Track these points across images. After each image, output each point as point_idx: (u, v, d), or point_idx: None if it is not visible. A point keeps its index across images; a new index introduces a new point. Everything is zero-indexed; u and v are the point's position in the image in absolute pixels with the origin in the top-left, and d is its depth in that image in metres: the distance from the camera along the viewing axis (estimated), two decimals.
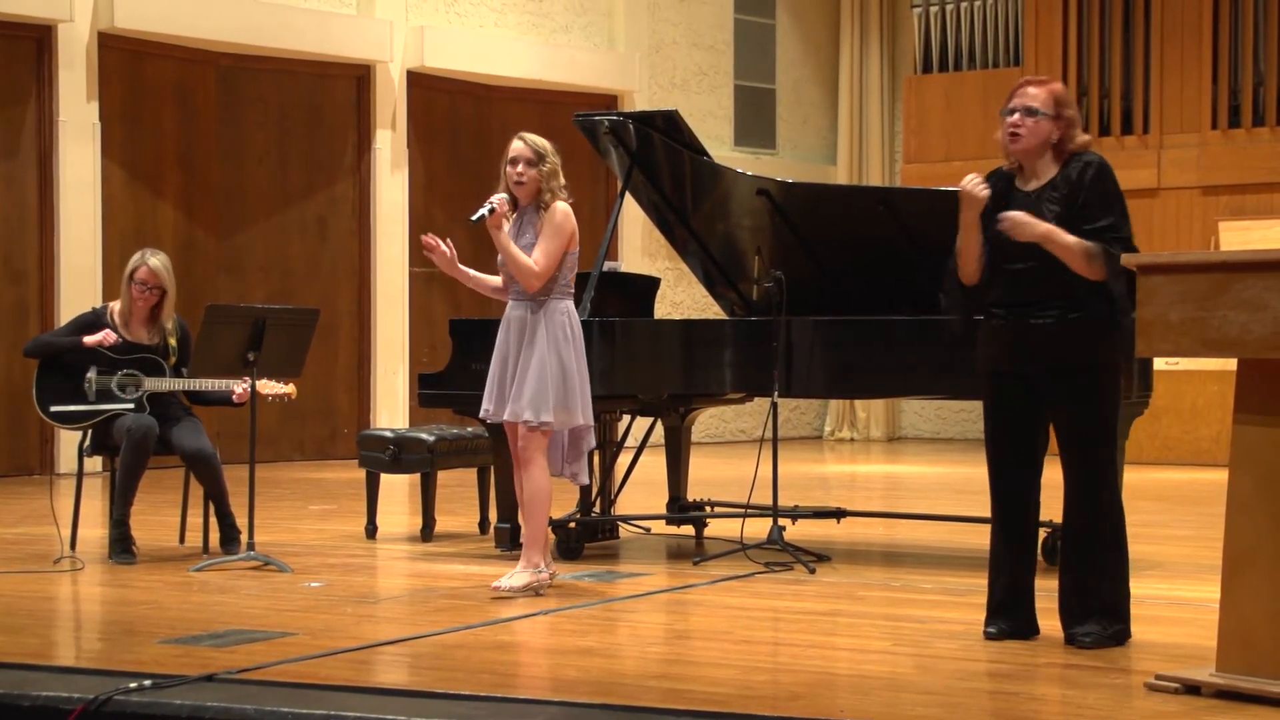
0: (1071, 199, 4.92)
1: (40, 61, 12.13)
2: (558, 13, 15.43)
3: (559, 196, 6.14)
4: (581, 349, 6.16)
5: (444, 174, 14.62)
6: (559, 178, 6.14)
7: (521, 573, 6.06)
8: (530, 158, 6.10)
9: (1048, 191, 4.97)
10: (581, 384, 6.11)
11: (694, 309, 15.38)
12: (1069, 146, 5.00)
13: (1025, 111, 4.96)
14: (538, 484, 6.09)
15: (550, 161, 6.11)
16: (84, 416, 7.11)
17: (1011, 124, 4.98)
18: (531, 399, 6.02)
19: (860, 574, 6.92)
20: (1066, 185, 4.94)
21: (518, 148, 6.13)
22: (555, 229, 6.09)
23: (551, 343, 6.06)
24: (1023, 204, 4.98)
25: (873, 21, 17.39)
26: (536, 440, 6.07)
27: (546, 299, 6.11)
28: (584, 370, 6.15)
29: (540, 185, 6.11)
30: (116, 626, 5.62)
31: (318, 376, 12.93)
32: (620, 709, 4.09)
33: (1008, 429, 5.08)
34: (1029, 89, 5.00)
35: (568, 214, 6.14)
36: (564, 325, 6.10)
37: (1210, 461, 12.88)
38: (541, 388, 6.01)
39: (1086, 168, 4.96)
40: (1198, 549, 7.46)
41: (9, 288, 12.07)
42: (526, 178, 6.10)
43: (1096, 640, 4.90)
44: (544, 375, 6.02)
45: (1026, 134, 4.97)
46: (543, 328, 6.07)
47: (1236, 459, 4.26)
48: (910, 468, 13.94)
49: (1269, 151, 14.18)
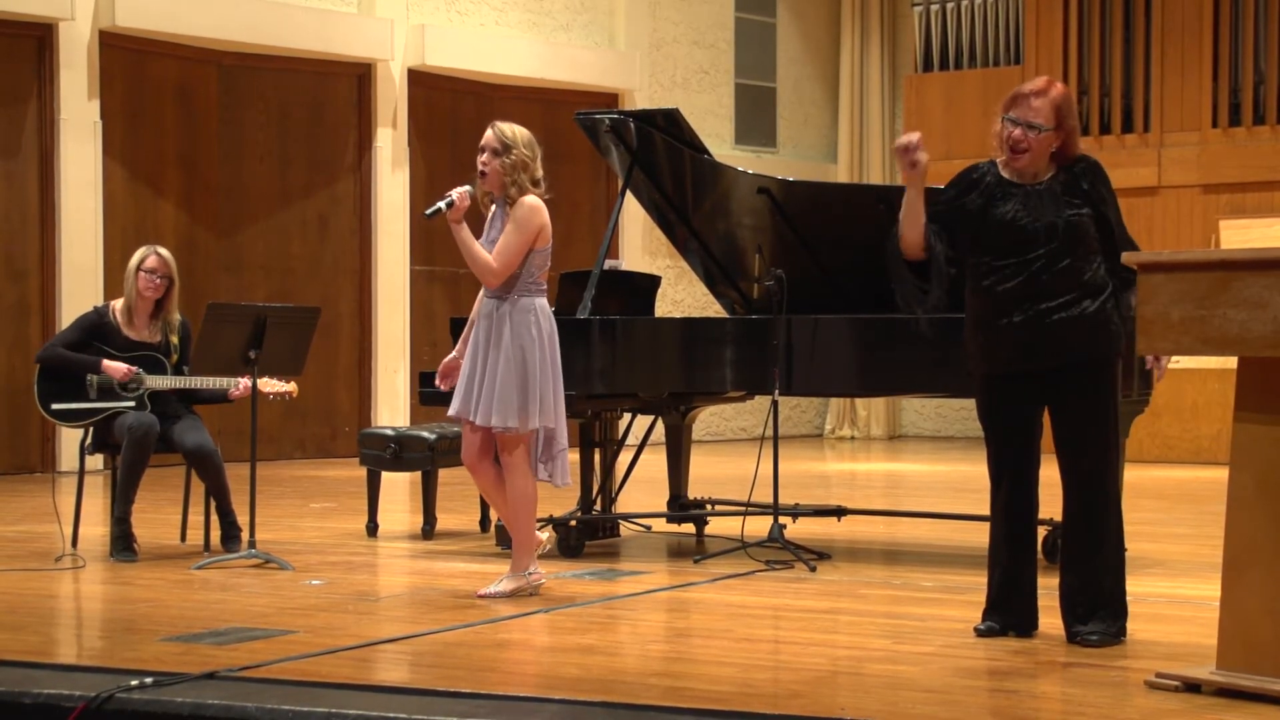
0: (1091, 199, 4.97)
1: (41, 60, 12.13)
2: (558, 11, 15.43)
3: (527, 190, 5.91)
4: (553, 348, 5.97)
5: (445, 172, 14.60)
6: (529, 171, 5.91)
7: (511, 579, 6.00)
8: (496, 147, 5.90)
9: (1060, 187, 4.97)
10: (546, 384, 5.91)
11: (695, 307, 15.38)
12: (1068, 154, 5.01)
13: (1027, 127, 4.94)
14: (521, 489, 5.96)
15: (518, 153, 5.88)
16: (85, 414, 7.11)
17: (1014, 140, 4.96)
18: (498, 404, 5.86)
19: (861, 572, 6.92)
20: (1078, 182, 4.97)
21: (486, 136, 5.94)
22: (517, 224, 5.87)
23: (515, 342, 5.89)
24: (1030, 197, 4.97)
25: (873, 20, 17.40)
26: (513, 443, 5.93)
27: (514, 297, 5.92)
28: (552, 370, 5.95)
29: (504, 178, 5.90)
30: (118, 624, 5.62)
31: (319, 375, 12.94)
32: (621, 707, 4.09)
33: (1011, 426, 5.07)
34: (1032, 100, 4.94)
35: (534, 209, 5.90)
36: (530, 324, 5.90)
37: (1211, 460, 12.89)
38: (506, 392, 5.86)
39: (1097, 170, 5.02)
40: (1198, 547, 7.47)
41: (10, 286, 12.08)
42: (489, 168, 5.91)
43: (1102, 639, 4.91)
44: (509, 378, 5.86)
45: (1026, 148, 4.96)
46: (508, 326, 5.90)
47: (1237, 457, 4.26)
48: (911, 466, 13.94)
49: (1269, 150, 14.17)
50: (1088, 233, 4.95)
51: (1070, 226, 4.93)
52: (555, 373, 5.99)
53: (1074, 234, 4.93)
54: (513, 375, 5.88)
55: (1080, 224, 4.94)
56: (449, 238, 6.03)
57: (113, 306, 7.31)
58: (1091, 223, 4.96)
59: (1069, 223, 4.93)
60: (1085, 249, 4.94)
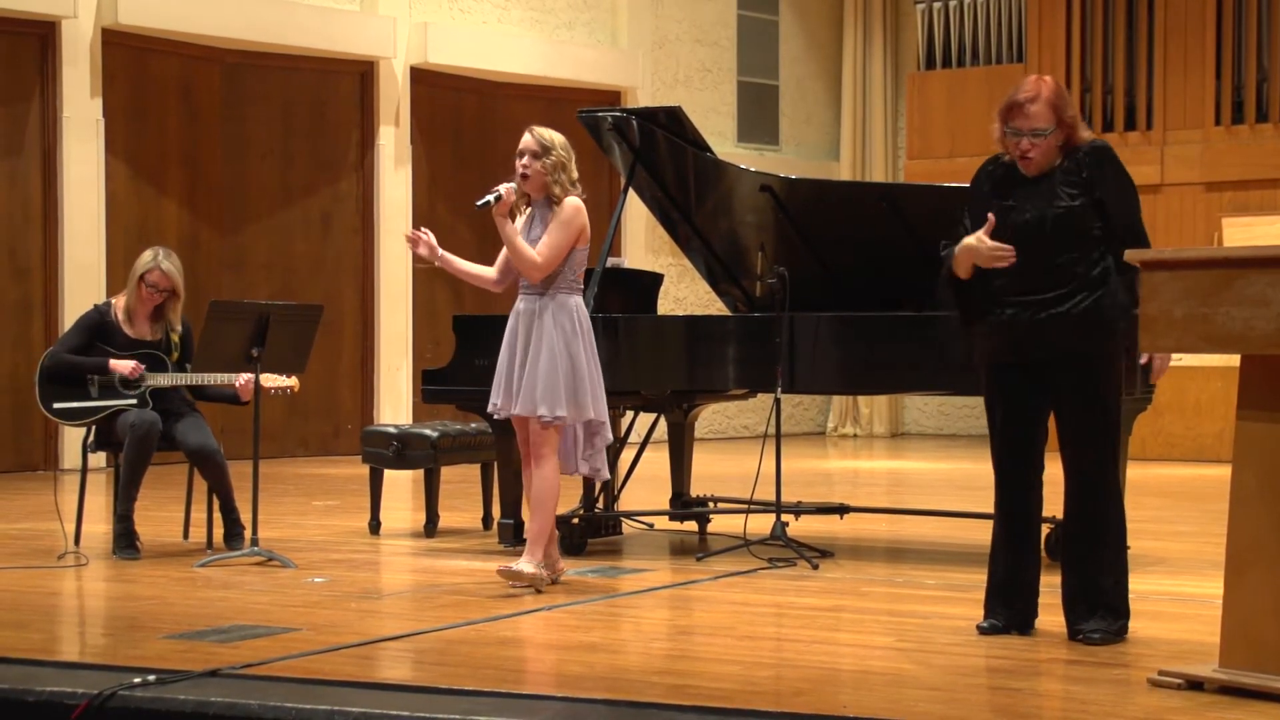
0: (1088, 187, 4.91)
1: (44, 58, 12.14)
2: (561, 9, 15.43)
3: (570, 191, 6.15)
4: (592, 343, 6.17)
5: (447, 170, 14.62)
6: (567, 171, 6.15)
7: (528, 563, 6.07)
8: (535, 150, 6.13)
9: (1060, 176, 4.95)
10: (593, 378, 6.12)
11: (697, 305, 15.38)
12: (1074, 142, 5.00)
13: (1032, 134, 4.93)
14: (549, 480, 6.09)
15: (556, 154, 6.12)
16: (87, 413, 7.11)
17: (1022, 149, 4.94)
18: (544, 393, 6.02)
19: (863, 570, 6.92)
20: (1079, 171, 4.94)
21: (525, 140, 6.17)
22: (562, 223, 6.10)
23: (560, 336, 6.07)
24: (1031, 191, 4.96)
25: (876, 18, 17.39)
26: (550, 436, 6.08)
27: (555, 293, 6.12)
28: (595, 365, 6.16)
29: (546, 179, 6.12)
30: (120, 622, 5.63)
31: (321, 373, 12.95)
32: (624, 704, 4.09)
33: (1012, 420, 5.07)
34: (1028, 108, 4.91)
35: (578, 209, 6.14)
36: (572, 319, 6.10)
37: (1213, 458, 12.88)
38: (553, 382, 6.02)
39: (1099, 156, 4.95)
40: (1201, 545, 7.47)
41: (13, 284, 12.08)
42: (531, 170, 6.13)
43: (1104, 636, 4.90)
44: (555, 369, 6.03)
45: (1038, 155, 4.95)
46: (550, 321, 6.08)
47: (1240, 455, 4.26)
48: (913, 464, 13.94)
49: (1272, 148, 14.16)
50: (1082, 224, 4.89)
51: (1059, 219, 4.89)
52: (597, 366, 6.17)
53: (1063, 227, 4.89)
54: (559, 367, 6.04)
55: (1071, 215, 4.89)
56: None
57: (114, 304, 7.31)
58: (1090, 213, 4.91)
59: (1057, 216, 4.90)
60: (1080, 242, 4.89)
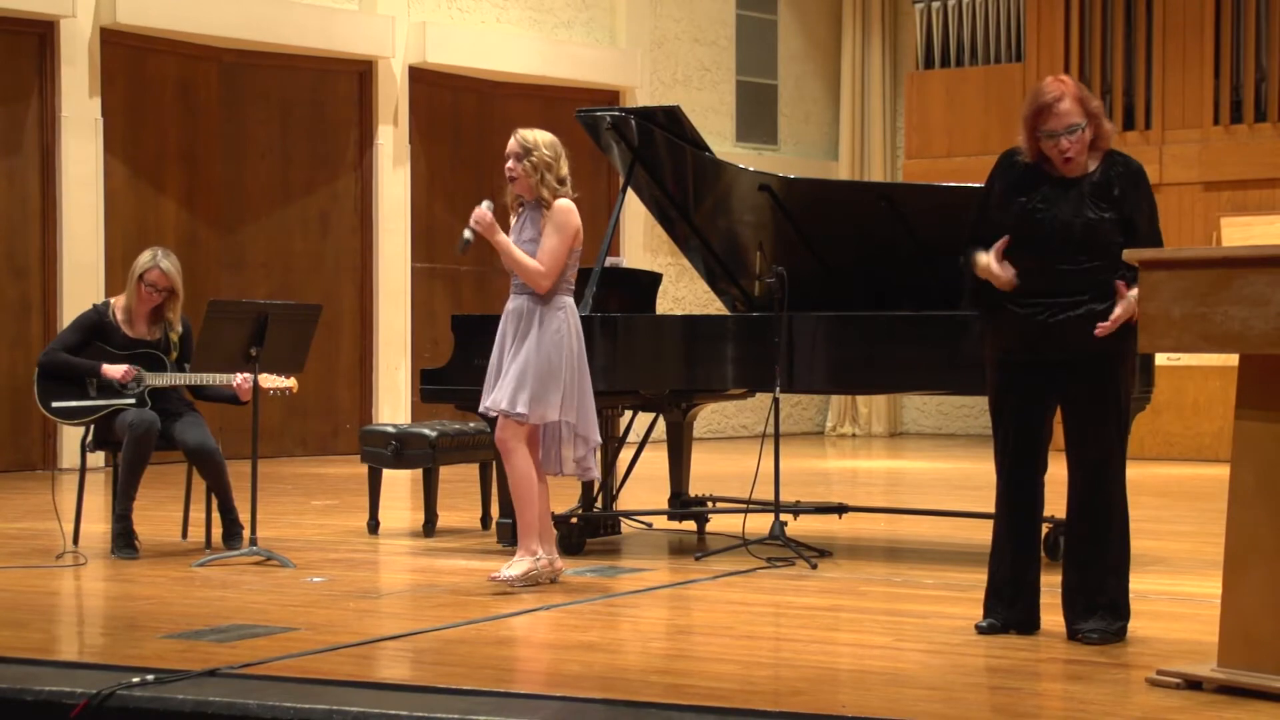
0: (1118, 205, 4.90)
1: (43, 57, 12.13)
2: (559, 8, 15.43)
3: (559, 192, 6.11)
4: (581, 346, 6.14)
5: (446, 170, 14.62)
6: (554, 171, 6.09)
7: (519, 561, 6.06)
8: (518, 152, 6.08)
9: (1090, 187, 4.93)
10: (573, 380, 6.06)
11: (696, 305, 15.38)
12: (1101, 143, 4.98)
13: (1068, 131, 4.90)
14: (520, 472, 6.08)
15: (539, 155, 6.06)
16: (86, 412, 7.11)
17: (1063, 150, 4.90)
18: (510, 390, 6.02)
19: (862, 569, 6.92)
20: (1110, 186, 4.92)
21: (509, 143, 6.13)
22: (557, 227, 6.08)
23: (543, 337, 6.04)
24: (1059, 195, 4.94)
25: (874, 17, 17.39)
26: (513, 430, 6.05)
27: (546, 294, 6.10)
28: (580, 368, 6.12)
29: (531, 180, 6.08)
30: (119, 621, 5.63)
31: (320, 372, 12.95)
32: (622, 704, 4.09)
33: (1022, 413, 5.05)
34: (1058, 106, 4.87)
35: (569, 211, 6.11)
36: (560, 320, 6.08)
37: (1212, 457, 12.89)
38: (522, 380, 6.01)
39: (1135, 178, 4.96)
40: (1199, 544, 7.47)
41: (11, 284, 12.08)
42: (516, 172, 6.10)
43: (1102, 636, 4.90)
44: (526, 368, 6.01)
45: (1078, 153, 4.93)
46: (537, 322, 6.06)
47: (1238, 454, 4.26)
48: (912, 463, 13.95)
49: (1271, 147, 14.16)
50: (1109, 237, 4.87)
51: (1087, 229, 4.88)
52: (584, 369, 6.15)
53: (1091, 237, 4.88)
54: (536, 366, 6.02)
55: (1099, 228, 4.87)
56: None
57: (113, 304, 7.30)
58: (1116, 228, 4.89)
59: (1087, 224, 4.88)
60: (1105, 253, 4.85)
